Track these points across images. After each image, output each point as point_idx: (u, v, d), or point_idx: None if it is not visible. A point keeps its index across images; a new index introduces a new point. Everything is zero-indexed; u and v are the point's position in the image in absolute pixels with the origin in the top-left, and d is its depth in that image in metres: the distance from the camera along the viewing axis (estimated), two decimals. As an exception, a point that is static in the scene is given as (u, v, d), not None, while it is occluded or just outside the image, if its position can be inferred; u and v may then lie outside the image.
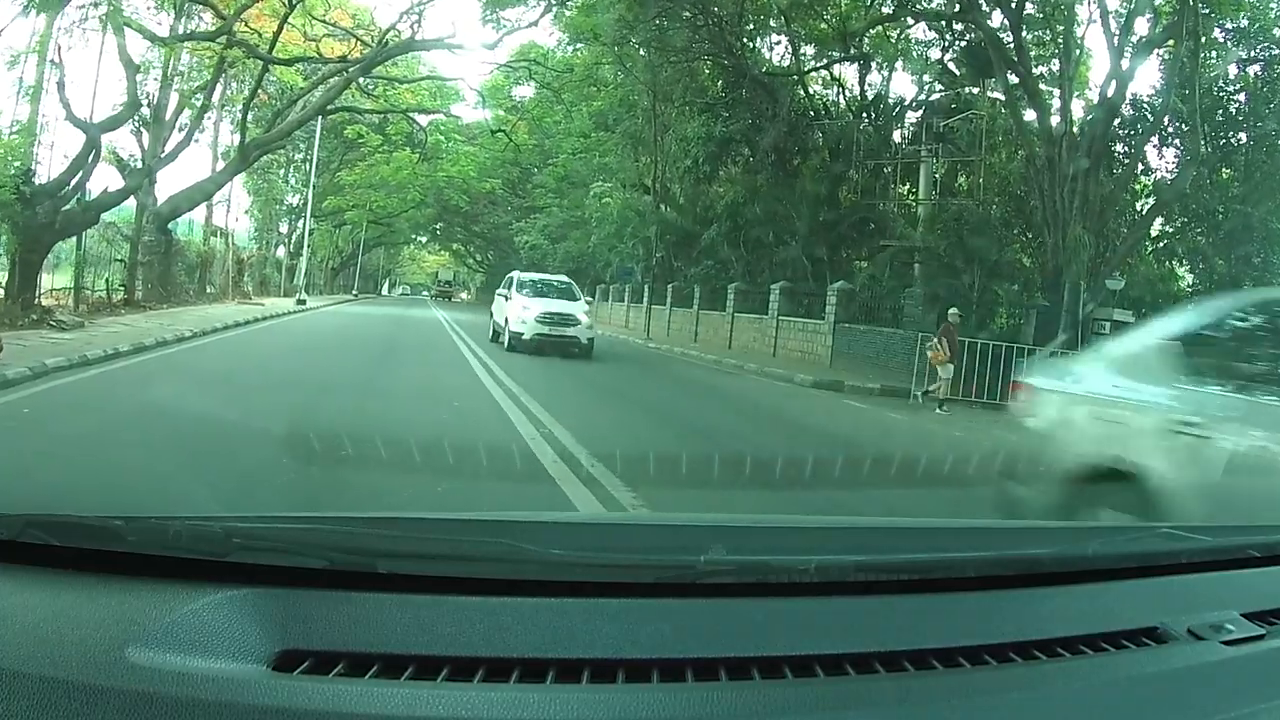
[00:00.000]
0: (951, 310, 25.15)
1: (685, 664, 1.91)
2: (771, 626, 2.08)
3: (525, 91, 61.31)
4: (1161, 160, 33.23)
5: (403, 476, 8.02)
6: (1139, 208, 33.64)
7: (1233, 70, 31.44)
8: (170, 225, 37.09)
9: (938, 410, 23.17)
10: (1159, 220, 32.94)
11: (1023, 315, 29.54)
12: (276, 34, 36.46)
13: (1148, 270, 32.99)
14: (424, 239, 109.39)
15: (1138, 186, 33.37)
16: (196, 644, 1.78)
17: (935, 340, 23.67)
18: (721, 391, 23.10)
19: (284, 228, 66.19)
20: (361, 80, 44.56)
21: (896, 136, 39.14)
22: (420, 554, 2.17)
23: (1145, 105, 31.27)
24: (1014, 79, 29.55)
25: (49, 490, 6.44)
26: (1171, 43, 28.52)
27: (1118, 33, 27.78)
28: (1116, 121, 28.87)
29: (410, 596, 2.00)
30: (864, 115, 39.47)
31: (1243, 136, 32.48)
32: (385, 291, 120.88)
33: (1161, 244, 34.10)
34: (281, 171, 65.61)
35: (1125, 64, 27.50)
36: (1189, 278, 35.59)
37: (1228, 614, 2.34)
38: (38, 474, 7.40)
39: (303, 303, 45.07)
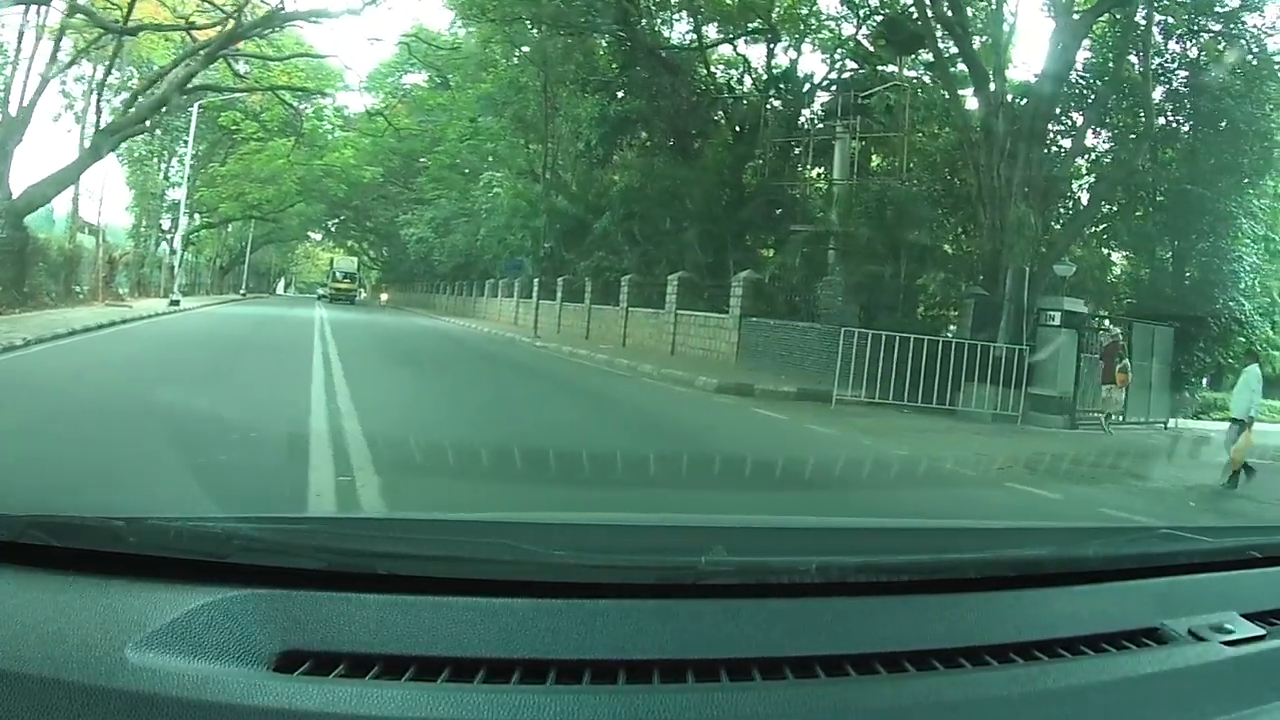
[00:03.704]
0: (1115, 330, 24.19)
1: (686, 665, 1.88)
2: (772, 627, 2.05)
3: (417, 79, 60.30)
4: (1097, 139, 31.76)
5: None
6: (1077, 188, 32.24)
7: (1174, 47, 30.43)
8: (26, 221, 34.30)
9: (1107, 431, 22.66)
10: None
11: (957, 306, 27.08)
12: (130, 4, 34.54)
13: (1089, 256, 31.70)
14: (319, 236, 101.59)
15: (1079, 166, 31.88)
16: (197, 645, 1.76)
17: (1120, 362, 23.25)
18: (608, 400, 20.24)
19: (167, 224, 63.09)
20: (233, 59, 42.53)
21: (808, 115, 37.48)
22: (420, 555, 2.13)
23: (1087, 78, 30.08)
24: (949, 46, 27.64)
25: None
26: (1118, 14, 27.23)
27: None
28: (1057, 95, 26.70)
29: (411, 597, 1.96)
30: (771, 92, 37.64)
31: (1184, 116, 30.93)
32: (281, 291, 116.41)
33: (1102, 228, 32.58)
34: (161, 164, 62.74)
35: (1071, 27, 25.59)
36: (1124, 264, 34.93)
37: (1228, 614, 2.32)
38: None
39: (176, 304, 42.83)
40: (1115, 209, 31.78)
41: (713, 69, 40.37)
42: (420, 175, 66.69)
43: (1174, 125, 30.44)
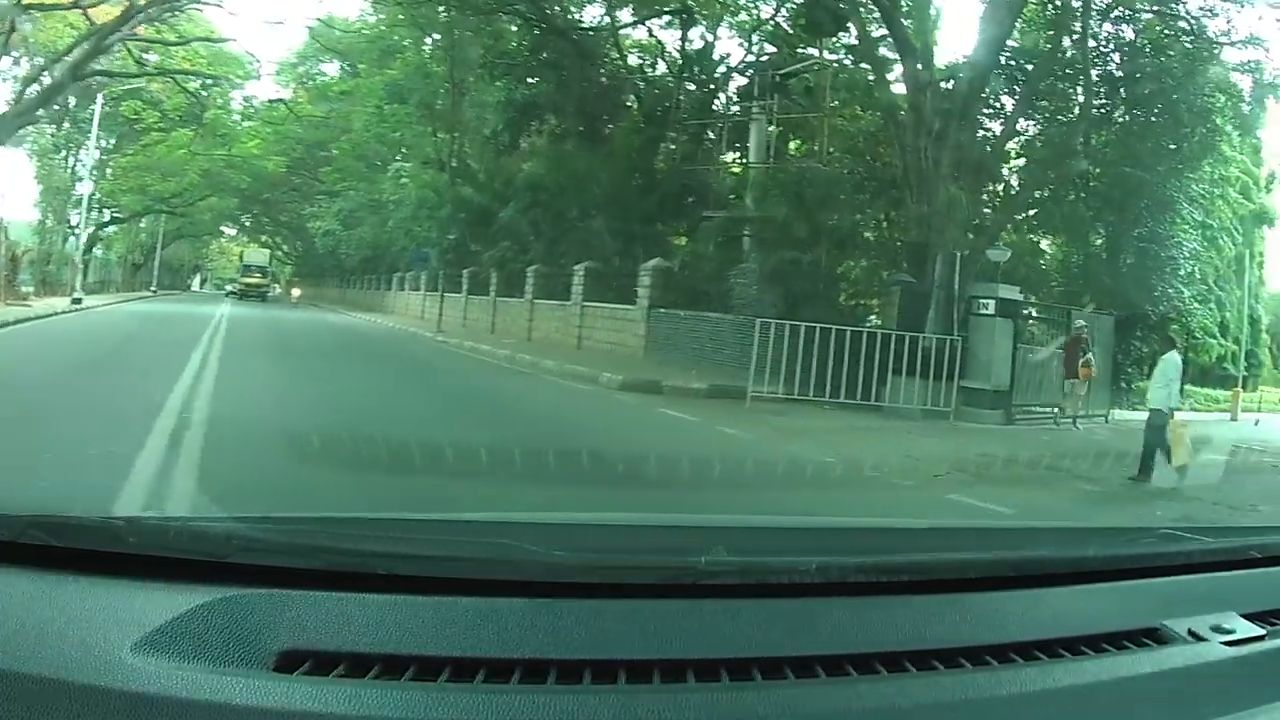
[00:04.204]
0: (1078, 322, 23.33)
1: (687, 665, 1.86)
2: (773, 627, 2.04)
3: (330, 69, 59.69)
4: (1029, 123, 30.89)
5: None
6: (1009, 172, 31.26)
7: (1109, 29, 29.53)
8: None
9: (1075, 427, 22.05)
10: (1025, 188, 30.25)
11: (881, 294, 26.38)
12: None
13: (1020, 243, 30.64)
14: (233, 231, 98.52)
15: (1009, 150, 31.04)
16: (197, 645, 1.75)
17: (1085, 355, 22.13)
18: (498, 399, 19.19)
19: (76, 219, 60.50)
20: (134, 45, 41.46)
21: (724, 99, 36.75)
22: (421, 555, 2.14)
23: (1019, 60, 29.00)
24: (874, 28, 26.89)
25: None
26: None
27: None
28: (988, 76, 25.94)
29: (411, 597, 1.95)
30: (685, 75, 36.97)
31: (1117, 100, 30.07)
32: (197, 287, 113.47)
33: (1033, 213, 31.55)
34: (70, 157, 60.88)
35: (1004, 5, 24.70)
36: (1056, 250, 34.40)
37: (1228, 614, 2.30)
38: None
39: (78, 302, 41.24)
40: (1047, 194, 30.84)
41: (626, 53, 39.74)
42: (325, 166, 65.39)
43: (1109, 109, 29.63)
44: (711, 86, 37.29)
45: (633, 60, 40.31)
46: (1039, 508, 11.08)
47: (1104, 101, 29.15)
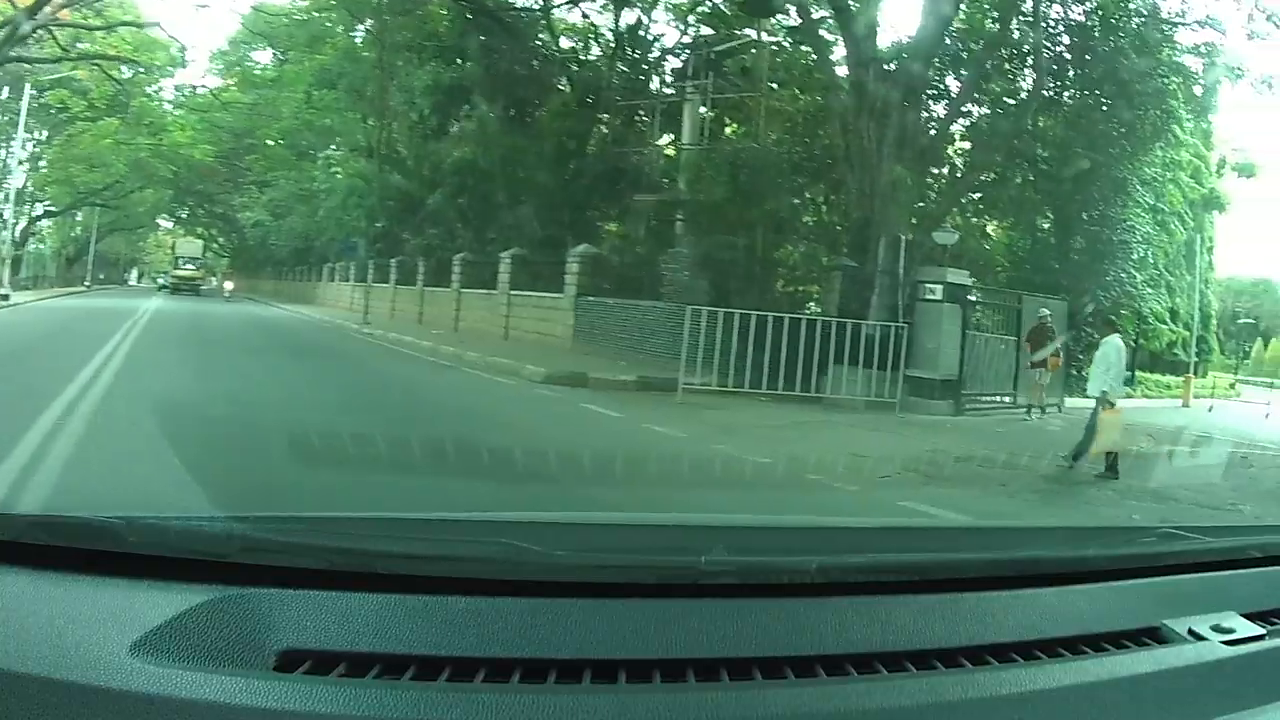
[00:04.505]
0: (1043, 311, 22.39)
1: (687, 664, 1.87)
2: (773, 627, 2.05)
3: (263, 57, 57.72)
4: (976, 104, 29.68)
5: None
6: (955, 154, 30.43)
7: (1057, 10, 28.64)
8: None
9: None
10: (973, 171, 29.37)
11: (822, 280, 25.96)
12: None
13: (964, 226, 29.14)
14: (169, 224, 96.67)
15: (954, 132, 29.98)
16: (197, 645, 1.75)
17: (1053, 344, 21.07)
18: (408, 393, 18.47)
19: (8, 213, 58.27)
20: (62, 33, 41.13)
21: (659, 82, 36.16)
22: (421, 555, 2.13)
23: (965, 40, 28.39)
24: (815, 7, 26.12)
25: None
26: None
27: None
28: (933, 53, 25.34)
29: (411, 597, 1.96)
30: (619, 54, 35.99)
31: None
32: (134, 281, 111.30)
33: (978, 196, 30.75)
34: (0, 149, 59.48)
35: None
36: (1001, 234, 33.36)
37: (1228, 614, 2.31)
38: None
39: (5, 298, 40.41)
40: (994, 177, 30.25)
41: (559, 36, 39.19)
42: (251, 154, 64.35)
43: (1059, 90, 29.13)
44: (646, 68, 36.72)
45: (566, 44, 39.79)
46: (1002, 515, 10.36)
47: (1054, 83, 28.61)
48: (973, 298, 23.27)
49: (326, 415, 13.13)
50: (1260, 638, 2.24)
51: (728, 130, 33.17)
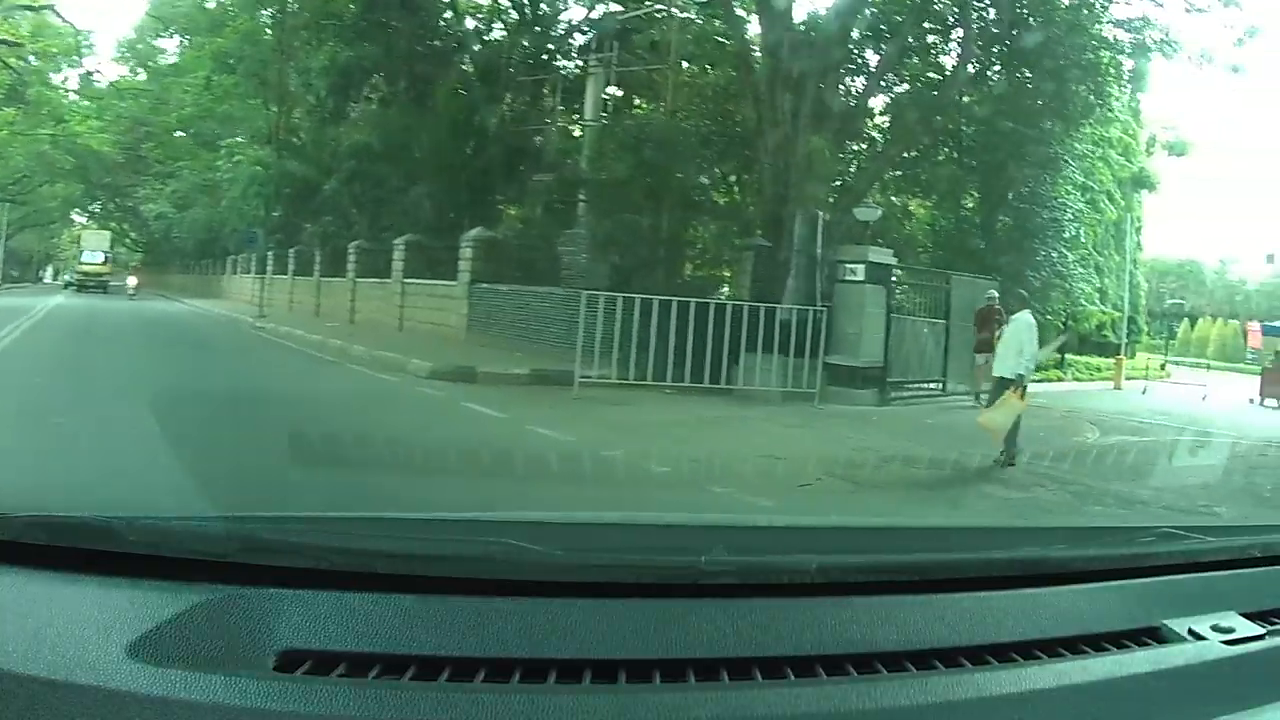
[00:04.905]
0: (990, 292, 21.03)
1: (687, 664, 1.88)
2: (773, 627, 2.04)
3: (172, 45, 56.99)
4: (898, 78, 28.54)
5: None
6: (875, 129, 29.25)
7: None
8: None
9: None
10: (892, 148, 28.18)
11: (735, 261, 24.66)
12: None
13: (884, 203, 28.11)
14: (84, 219, 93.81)
15: (874, 109, 28.99)
16: (197, 645, 1.75)
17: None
18: (277, 393, 16.53)
19: None
20: None
21: (565, 60, 34.66)
22: (421, 554, 2.13)
23: (889, 11, 26.88)
24: None
25: None
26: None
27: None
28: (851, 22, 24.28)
29: (411, 597, 1.97)
30: (523, 28, 34.53)
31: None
32: (50, 279, 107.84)
33: (899, 174, 29.72)
34: None
35: None
36: (923, 213, 32.14)
37: (1228, 614, 2.31)
38: None
39: None
40: (917, 153, 29.47)
41: (463, 14, 37.76)
42: (149, 143, 63.15)
43: (985, 64, 27.94)
44: (552, 46, 35.56)
45: (470, 23, 38.25)
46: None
47: (981, 56, 27.55)
48: (897, 278, 22.07)
49: (192, 410, 12.04)
50: (1260, 637, 2.24)
51: (638, 106, 32.11)
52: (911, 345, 21.94)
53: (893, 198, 30.66)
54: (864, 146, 28.66)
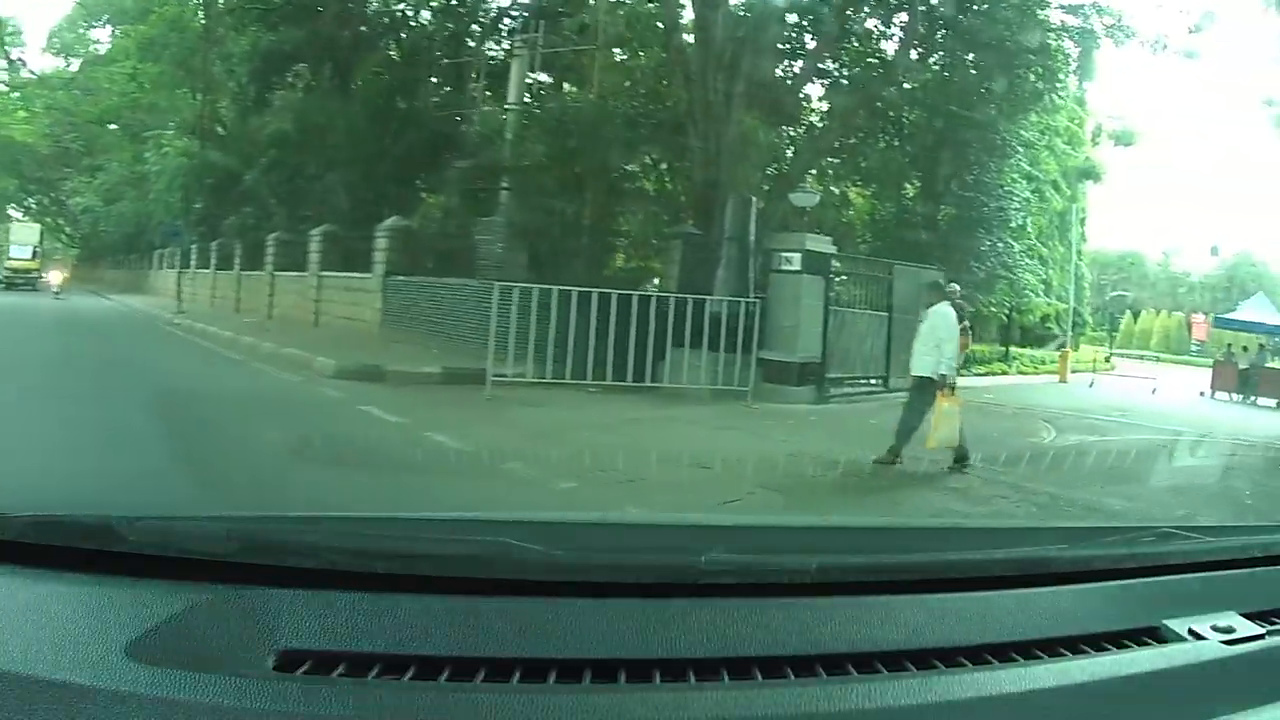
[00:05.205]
0: (951, 285, 17.53)
1: (687, 664, 1.85)
2: (773, 627, 2.03)
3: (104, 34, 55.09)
4: (835, 63, 27.35)
5: None
6: (813, 114, 28.20)
7: None
8: None
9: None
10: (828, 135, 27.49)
11: (664, 251, 22.85)
12: None
13: (823, 192, 26.67)
14: (19, 214, 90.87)
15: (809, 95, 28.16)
16: (197, 645, 1.74)
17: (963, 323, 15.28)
18: (164, 392, 14.34)
19: None
20: None
21: (493, 44, 33.07)
22: (421, 554, 2.10)
23: None
24: None
25: None
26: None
27: None
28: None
29: (411, 597, 1.94)
30: (449, 11, 33.51)
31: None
32: None
33: (839, 161, 28.92)
34: None
35: None
36: (863, 201, 30.92)
37: (1228, 614, 2.27)
38: None
39: None
40: (857, 140, 28.74)
41: None
42: (71, 134, 61.52)
43: (929, 47, 27.23)
44: (478, 28, 34.41)
45: (398, 6, 37.09)
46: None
47: (924, 40, 26.89)
48: (836, 268, 20.86)
49: (58, 407, 11.79)
50: (1260, 637, 2.21)
51: (565, 91, 31.15)
52: (851, 339, 20.81)
53: (832, 187, 29.89)
54: (801, 131, 27.87)
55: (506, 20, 33.55)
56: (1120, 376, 36.54)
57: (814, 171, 27.42)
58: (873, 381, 21.08)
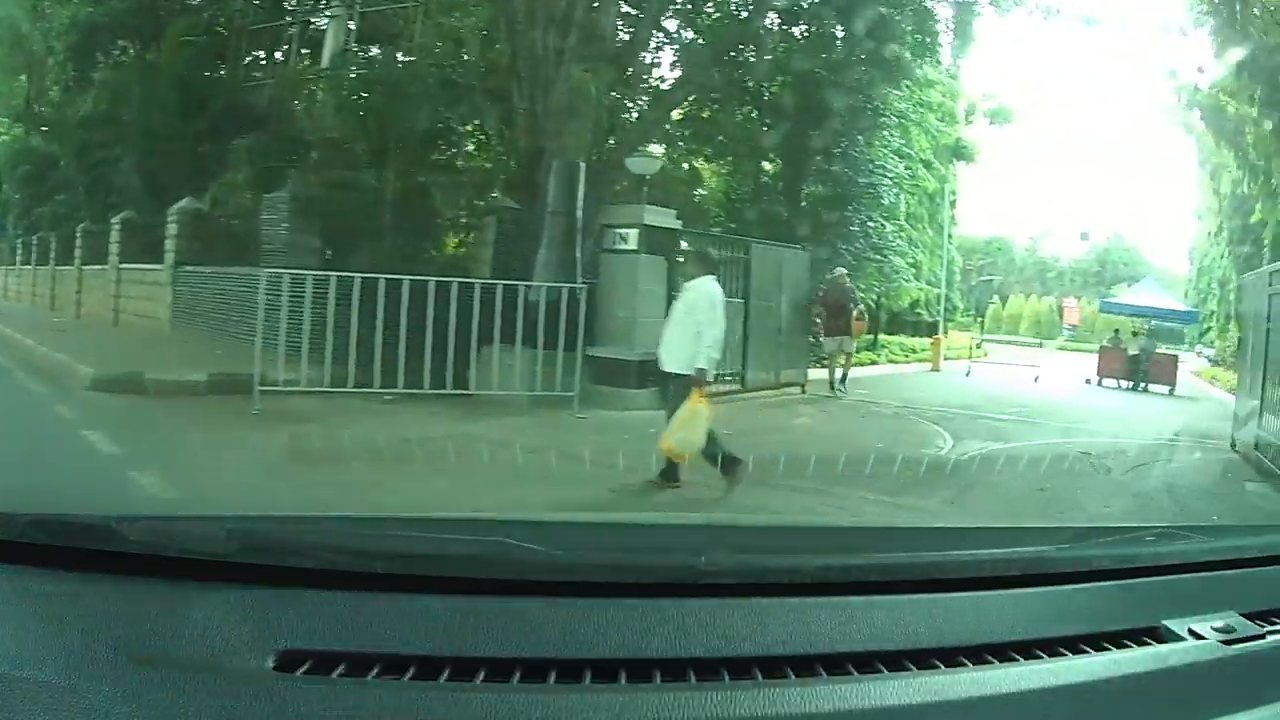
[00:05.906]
0: (838, 270, 18.74)
1: (687, 664, 1.85)
2: (773, 626, 2.01)
3: None
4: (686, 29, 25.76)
5: None
6: (658, 80, 25.71)
7: None
8: None
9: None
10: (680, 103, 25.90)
11: (474, 226, 19.74)
12: None
13: (671, 168, 25.83)
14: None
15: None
16: (198, 645, 1.73)
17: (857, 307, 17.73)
18: None
19: None
20: None
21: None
22: (421, 554, 2.10)
23: None
24: None
25: None
26: None
27: None
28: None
29: (411, 596, 1.94)
30: None
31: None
32: None
33: (689, 132, 27.27)
34: None
35: None
36: (716, 178, 29.24)
37: (1228, 614, 2.26)
38: None
39: None
40: (710, 109, 26.87)
41: None
42: None
43: (794, 13, 25.66)
44: None
45: None
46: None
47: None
48: (682, 248, 17.29)
49: None
50: (1260, 637, 2.20)
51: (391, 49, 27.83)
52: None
53: (683, 164, 28.58)
54: (647, 97, 25.21)
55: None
56: (996, 364, 35.14)
57: (662, 144, 25.84)
58: (727, 379, 17.48)
